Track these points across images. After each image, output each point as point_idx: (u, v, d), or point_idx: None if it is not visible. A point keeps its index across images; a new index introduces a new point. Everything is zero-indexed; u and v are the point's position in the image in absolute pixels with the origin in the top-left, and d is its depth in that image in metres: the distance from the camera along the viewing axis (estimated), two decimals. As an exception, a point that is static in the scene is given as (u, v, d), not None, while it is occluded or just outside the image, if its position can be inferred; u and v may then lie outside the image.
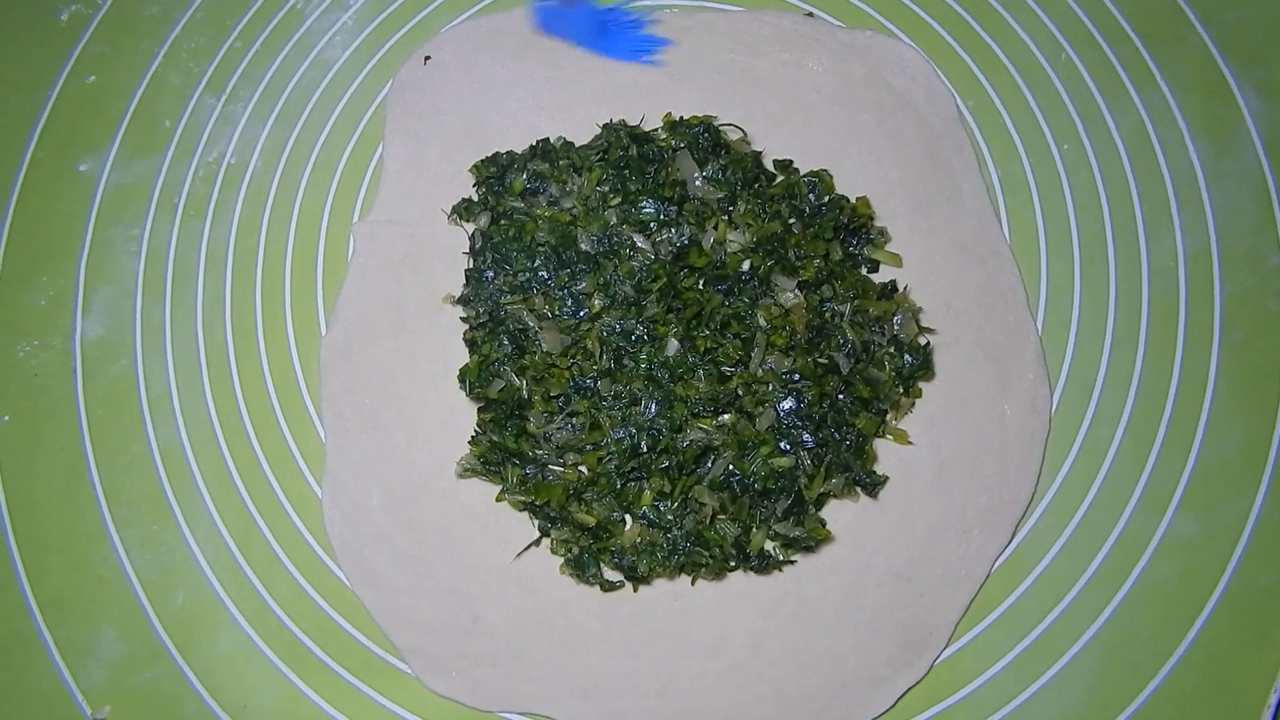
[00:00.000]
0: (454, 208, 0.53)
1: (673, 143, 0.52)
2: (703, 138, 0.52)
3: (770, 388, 0.47)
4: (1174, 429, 0.49)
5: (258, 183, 0.56)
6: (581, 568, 0.47)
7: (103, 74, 0.58)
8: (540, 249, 0.50)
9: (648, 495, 0.47)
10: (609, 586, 0.47)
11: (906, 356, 0.49)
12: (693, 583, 0.47)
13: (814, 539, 0.46)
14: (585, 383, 0.48)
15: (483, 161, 0.53)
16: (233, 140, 0.57)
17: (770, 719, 0.45)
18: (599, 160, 0.52)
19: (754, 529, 0.46)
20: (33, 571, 0.50)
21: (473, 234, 0.52)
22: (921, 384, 0.49)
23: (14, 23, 0.60)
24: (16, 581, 0.50)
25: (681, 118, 0.53)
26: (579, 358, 0.48)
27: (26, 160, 0.57)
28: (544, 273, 0.50)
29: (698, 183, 0.51)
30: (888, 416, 0.49)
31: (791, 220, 0.51)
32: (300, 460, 0.51)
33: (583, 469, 0.48)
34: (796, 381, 0.47)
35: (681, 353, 0.48)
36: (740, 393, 0.48)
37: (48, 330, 0.54)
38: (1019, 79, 0.55)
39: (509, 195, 0.52)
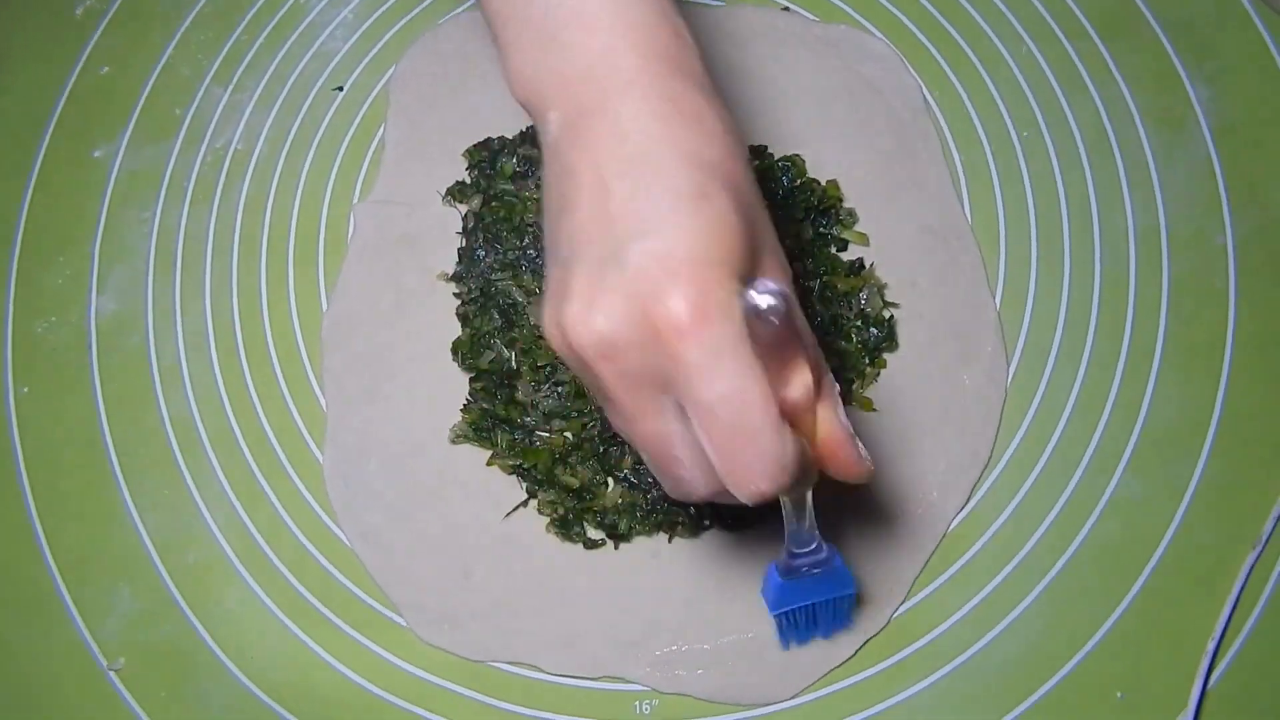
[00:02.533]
0: (448, 190, 0.56)
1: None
2: (682, 125, 0.55)
3: (744, 359, 0.50)
4: (1122, 397, 0.51)
5: (262, 168, 0.59)
6: (566, 527, 0.50)
7: (116, 65, 0.61)
8: (529, 229, 0.53)
9: (628, 459, 0.50)
10: (592, 544, 0.50)
11: (872, 329, 0.52)
12: (670, 540, 0.50)
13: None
14: (571, 355, 0.51)
15: (475, 146, 0.56)
16: (239, 128, 0.60)
17: (741, 667, 0.48)
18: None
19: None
20: (52, 534, 0.53)
21: (465, 215, 0.55)
22: (886, 355, 0.52)
23: (32, 18, 0.63)
24: (37, 544, 0.52)
25: (663, 107, 0.56)
26: (565, 332, 0.51)
27: (44, 147, 0.60)
28: (532, 251, 0.53)
29: (678, 168, 0.54)
30: (854, 385, 0.52)
31: (765, 202, 0.54)
32: (303, 428, 0.54)
33: (568, 435, 0.50)
34: (769, 353, 0.50)
35: (662, 327, 0.51)
36: (716, 364, 0.50)
37: (65, 307, 0.57)
38: (982, 71, 0.58)
39: (500, 178, 0.55)
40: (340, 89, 0.60)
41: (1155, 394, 0.51)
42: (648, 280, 0.27)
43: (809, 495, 0.35)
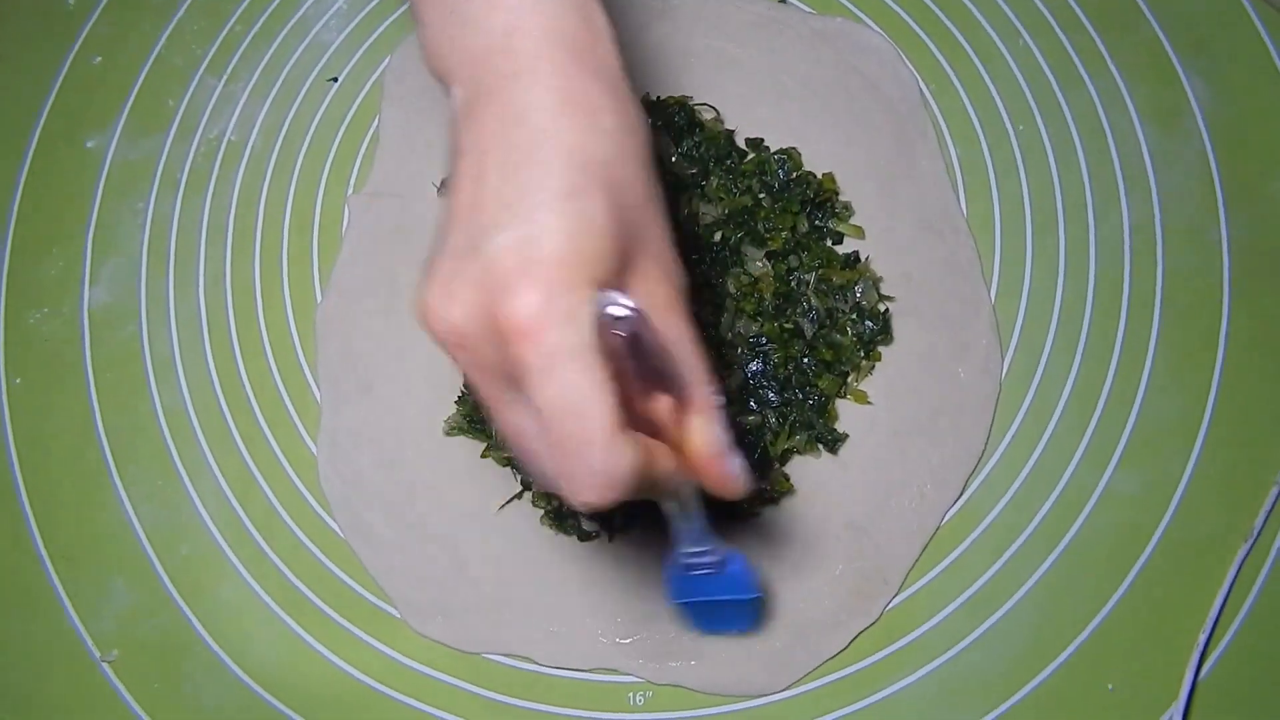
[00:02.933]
0: (443, 181, 0.56)
1: (650, 121, 0.55)
2: (678, 117, 0.54)
3: (739, 351, 0.50)
4: (1116, 391, 0.52)
5: (256, 158, 0.58)
6: (560, 519, 0.50)
7: (109, 55, 0.61)
8: (524, 222, 0.53)
9: (624, 452, 0.50)
10: (586, 536, 0.50)
11: (867, 322, 0.52)
12: (665, 533, 0.50)
13: (778, 492, 0.49)
14: (566, 348, 0.51)
15: (470, 139, 0.56)
16: (233, 118, 0.59)
17: (733, 659, 0.48)
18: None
19: (723, 484, 0.49)
20: (45, 526, 0.52)
21: (461, 208, 0.55)
22: (881, 348, 0.52)
23: (24, 7, 0.62)
24: (30, 536, 0.52)
25: (658, 98, 0.56)
26: (560, 325, 0.51)
27: (36, 137, 0.59)
28: (528, 244, 0.52)
29: (673, 159, 0.54)
30: (849, 378, 0.52)
31: (761, 195, 0.54)
32: (297, 420, 0.54)
33: (563, 428, 0.50)
34: (764, 345, 0.50)
35: (657, 320, 0.51)
36: (711, 355, 0.50)
37: (58, 299, 0.56)
38: (979, 64, 0.58)
39: (495, 171, 0.55)
40: (335, 80, 0.60)
41: (1149, 388, 0.51)
42: (499, 275, 0.27)
43: (694, 500, 0.35)
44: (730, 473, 0.32)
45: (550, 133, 0.28)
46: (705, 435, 0.31)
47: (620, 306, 0.28)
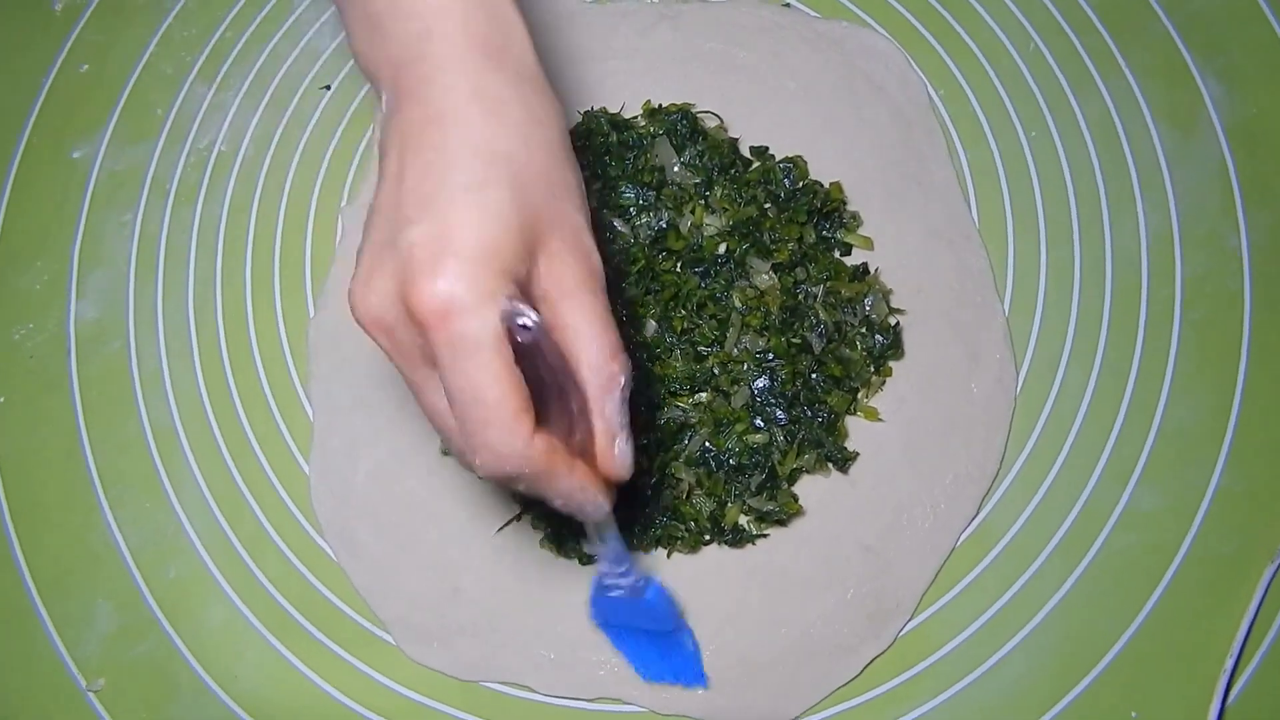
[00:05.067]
0: (438, 193, 0.55)
1: (651, 130, 0.53)
2: (681, 125, 0.53)
3: (745, 367, 0.49)
4: (1135, 405, 0.50)
5: (248, 168, 0.57)
6: (560, 542, 0.48)
7: (96, 62, 0.60)
8: (522, 233, 0.51)
9: (626, 471, 0.48)
10: (587, 560, 0.48)
11: (877, 336, 0.50)
12: (668, 556, 0.49)
13: (786, 513, 0.48)
14: (566, 362, 0.49)
15: (466, 148, 0.55)
16: (223, 127, 0.58)
17: (740, 687, 0.46)
18: (580, 146, 0.53)
19: (729, 503, 0.48)
20: (29, 548, 0.51)
21: (456, 218, 0.54)
22: (891, 363, 0.51)
23: (8, 13, 0.61)
24: (13, 558, 0.51)
25: (660, 105, 0.54)
26: (560, 338, 0.50)
27: (21, 147, 0.58)
28: (526, 256, 0.51)
29: (676, 168, 0.53)
30: (859, 394, 0.50)
31: (767, 205, 0.52)
32: (289, 438, 0.52)
33: (563, 446, 0.49)
34: (770, 361, 0.49)
35: (659, 333, 0.49)
36: (716, 372, 0.49)
37: (43, 313, 0.55)
38: (988, 68, 0.57)
39: (492, 181, 0.53)
40: (328, 88, 0.58)
41: (1169, 401, 0.50)
42: (412, 266, 0.29)
43: (610, 520, 0.36)
44: (615, 454, 0.34)
45: (459, 130, 0.31)
46: (598, 407, 0.33)
47: (525, 316, 0.30)
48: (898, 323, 0.51)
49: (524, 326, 0.30)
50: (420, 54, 0.32)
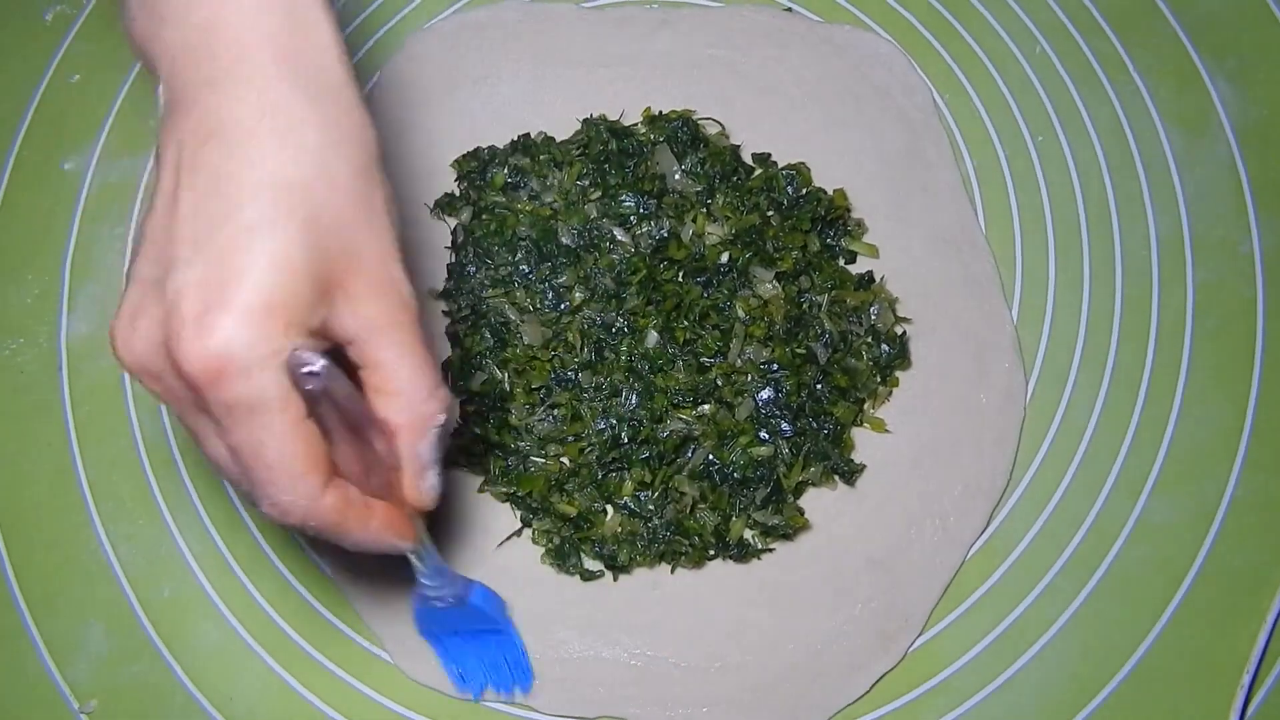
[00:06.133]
0: (436, 202, 0.54)
1: (652, 137, 0.52)
2: (681, 132, 0.52)
3: (749, 378, 0.48)
4: (1147, 415, 0.49)
5: (241, 179, 0.56)
6: (562, 558, 0.47)
7: (87, 73, 0.59)
8: (521, 243, 0.50)
9: (629, 485, 0.47)
10: (589, 576, 0.47)
11: (883, 346, 0.49)
12: (672, 571, 0.48)
13: (792, 527, 0.47)
14: (566, 375, 0.48)
15: (464, 156, 0.54)
16: (216, 138, 0.57)
17: (746, 706, 0.45)
18: (579, 155, 0.52)
19: (733, 517, 0.47)
20: (20, 567, 0.50)
21: (455, 228, 0.53)
22: (898, 373, 0.50)
23: (-1, 23, 0.60)
24: (4, 578, 0.50)
25: (660, 112, 0.53)
26: (560, 350, 0.49)
27: (11, 159, 0.57)
28: (525, 266, 0.50)
29: (677, 176, 0.52)
30: (865, 405, 0.49)
31: (770, 212, 0.51)
32: (284, 454, 0.51)
33: (564, 460, 0.48)
34: (775, 371, 0.48)
35: (661, 344, 0.48)
36: (719, 383, 0.48)
37: (33, 328, 0.54)
38: (994, 72, 0.56)
39: (490, 190, 0.53)
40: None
41: (1182, 411, 0.49)
42: (179, 317, 0.26)
43: (425, 539, 0.35)
44: (424, 490, 0.32)
45: (244, 152, 0.27)
46: (409, 448, 0.31)
47: (310, 365, 0.27)
48: (904, 332, 0.50)
49: (311, 373, 0.27)
50: (205, 48, 0.27)
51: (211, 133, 0.27)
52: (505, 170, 0.53)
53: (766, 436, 0.47)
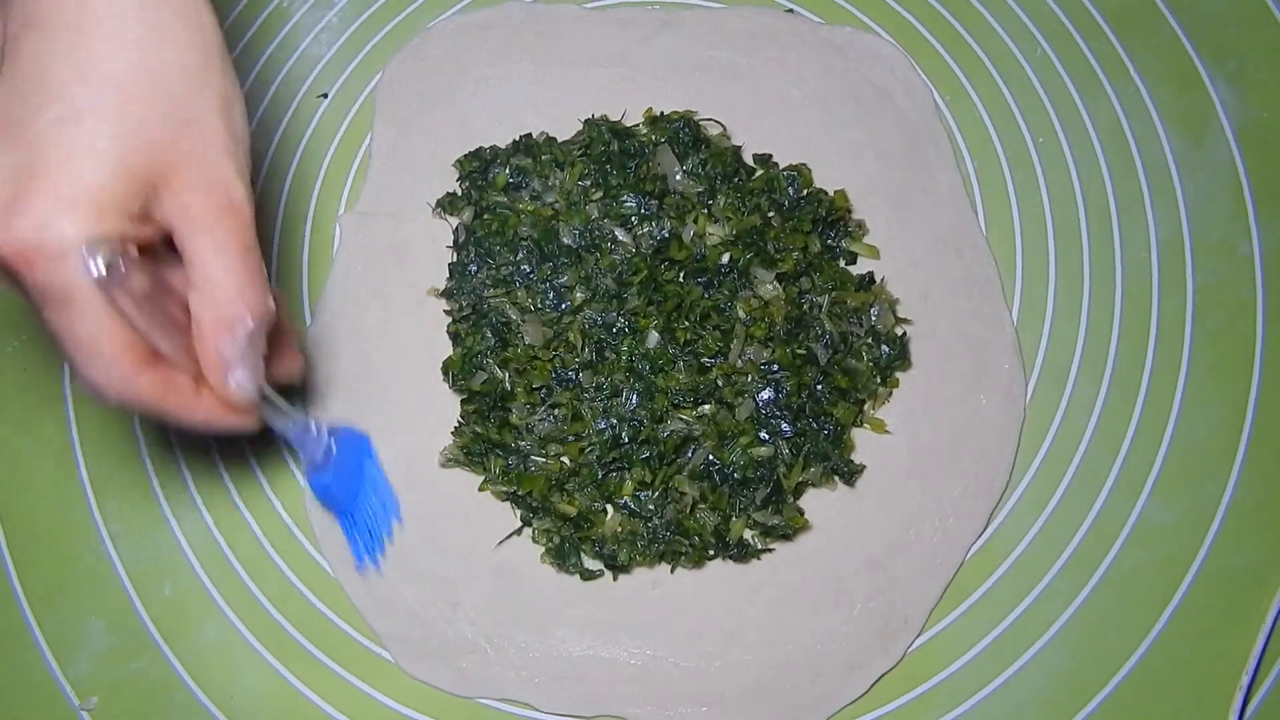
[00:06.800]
0: (438, 201, 0.54)
1: (653, 138, 0.53)
2: (683, 132, 0.52)
3: (749, 378, 0.48)
4: (1147, 416, 0.49)
5: (243, 177, 0.56)
6: (562, 557, 0.47)
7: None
8: (523, 243, 0.51)
9: (629, 485, 0.47)
10: (589, 575, 0.47)
11: (884, 347, 0.49)
12: (672, 571, 0.48)
13: (792, 527, 0.47)
14: (567, 374, 0.48)
15: (466, 156, 0.54)
16: (219, 136, 0.57)
17: (746, 705, 0.45)
18: (581, 155, 0.52)
19: (733, 518, 0.47)
20: (20, 564, 0.50)
21: (456, 228, 0.53)
22: (898, 374, 0.50)
23: (2, 21, 0.60)
24: (5, 574, 0.50)
25: (662, 113, 0.54)
26: (561, 350, 0.49)
27: (15, 157, 0.57)
28: (526, 266, 0.50)
29: (678, 177, 0.52)
30: (865, 406, 0.49)
31: (771, 213, 0.51)
32: (285, 450, 0.51)
33: (565, 460, 0.48)
34: (775, 372, 0.48)
35: (662, 344, 0.48)
36: (720, 383, 0.48)
37: (36, 326, 0.54)
38: (995, 73, 0.56)
39: (492, 190, 0.53)
40: (325, 95, 0.58)
41: (1181, 413, 0.49)
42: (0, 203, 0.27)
43: (268, 394, 0.38)
44: (230, 388, 0.33)
45: (62, 44, 0.27)
46: (209, 347, 0.32)
47: (95, 251, 0.28)
48: (904, 333, 0.50)
49: (110, 266, 0.28)
50: None
51: (30, 19, 0.27)
52: (507, 170, 0.53)
53: (767, 437, 0.47)
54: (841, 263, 0.52)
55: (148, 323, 0.30)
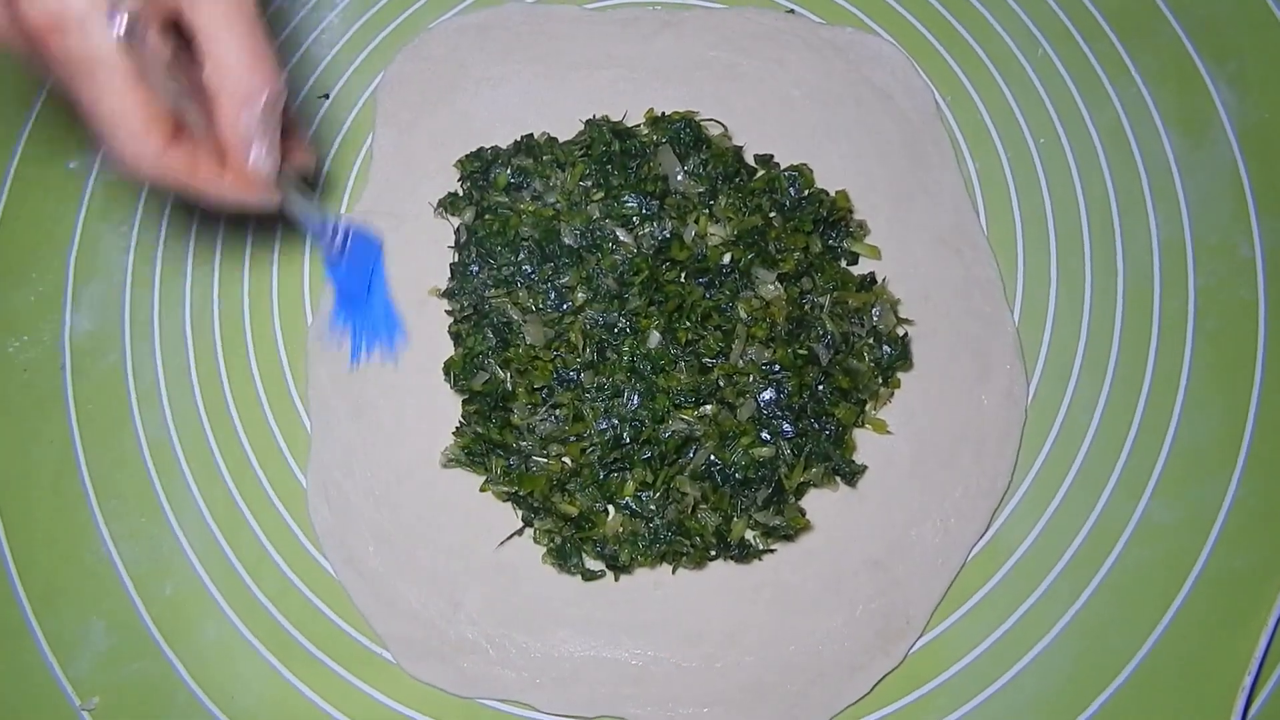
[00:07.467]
0: (440, 201, 0.54)
1: (654, 138, 0.53)
2: (684, 133, 0.52)
3: (751, 379, 0.48)
4: (1149, 417, 0.49)
5: (244, 179, 0.56)
6: (564, 557, 0.47)
7: (92, 72, 0.59)
8: (524, 243, 0.51)
9: (630, 485, 0.47)
10: (590, 576, 0.47)
11: (885, 347, 0.49)
12: (673, 571, 0.48)
13: (793, 528, 0.47)
14: (568, 375, 0.48)
15: (467, 156, 0.54)
16: (220, 137, 0.57)
17: (747, 707, 0.45)
18: (582, 155, 0.52)
19: (735, 518, 0.47)
20: (22, 565, 0.50)
21: (458, 228, 0.53)
22: (900, 374, 0.50)
23: (4, 22, 0.60)
24: (6, 575, 0.50)
25: (663, 113, 0.54)
26: (562, 350, 0.49)
27: (16, 159, 0.57)
28: (528, 266, 0.50)
29: (679, 177, 0.52)
30: (867, 406, 0.49)
31: (772, 214, 0.51)
32: (286, 451, 0.51)
33: (566, 460, 0.48)
34: (776, 372, 0.48)
35: (663, 345, 0.48)
36: (721, 384, 0.48)
37: (37, 326, 0.54)
38: (996, 74, 0.56)
39: (493, 190, 0.53)
40: (326, 96, 0.58)
41: (1183, 413, 0.49)
42: None
43: (287, 176, 0.40)
44: (250, 163, 0.35)
45: None
46: (229, 120, 0.34)
47: (116, 14, 0.31)
48: (906, 333, 0.50)
49: (130, 28, 0.31)
50: None
51: None
52: (508, 171, 0.53)
53: (768, 437, 0.47)
54: (843, 263, 0.52)
55: (173, 91, 0.32)
